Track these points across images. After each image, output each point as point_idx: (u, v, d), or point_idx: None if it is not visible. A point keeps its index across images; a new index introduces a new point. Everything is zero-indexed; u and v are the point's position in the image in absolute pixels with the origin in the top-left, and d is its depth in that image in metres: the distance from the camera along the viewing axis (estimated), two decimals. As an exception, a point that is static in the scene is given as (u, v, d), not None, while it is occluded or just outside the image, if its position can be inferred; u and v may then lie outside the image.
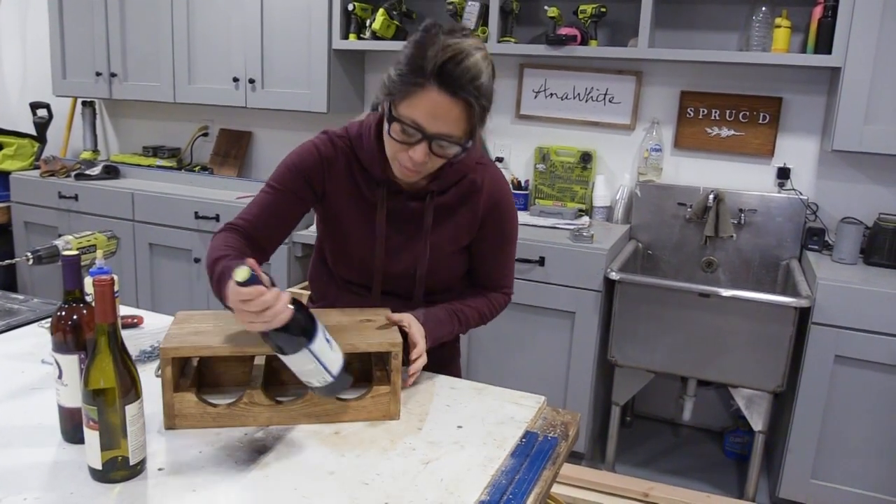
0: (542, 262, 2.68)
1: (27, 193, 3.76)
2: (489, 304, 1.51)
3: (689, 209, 2.91)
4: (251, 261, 1.06)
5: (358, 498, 1.00)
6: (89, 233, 1.51)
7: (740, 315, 2.42)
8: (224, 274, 1.18)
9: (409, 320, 1.30)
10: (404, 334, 1.28)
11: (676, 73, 2.94)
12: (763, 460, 2.62)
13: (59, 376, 1.10)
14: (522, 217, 3.01)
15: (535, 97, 3.17)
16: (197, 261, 3.36)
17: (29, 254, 1.38)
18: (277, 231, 1.39)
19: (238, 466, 1.07)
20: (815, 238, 2.76)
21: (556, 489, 2.59)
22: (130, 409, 1.01)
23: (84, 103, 4.09)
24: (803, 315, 2.39)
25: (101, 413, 1.00)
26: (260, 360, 1.29)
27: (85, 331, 1.10)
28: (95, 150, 4.13)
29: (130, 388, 1.02)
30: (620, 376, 2.68)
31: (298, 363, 1.08)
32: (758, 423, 2.52)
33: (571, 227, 2.85)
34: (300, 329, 1.06)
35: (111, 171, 3.76)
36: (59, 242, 1.44)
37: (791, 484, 2.53)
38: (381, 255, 1.41)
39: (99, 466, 1.01)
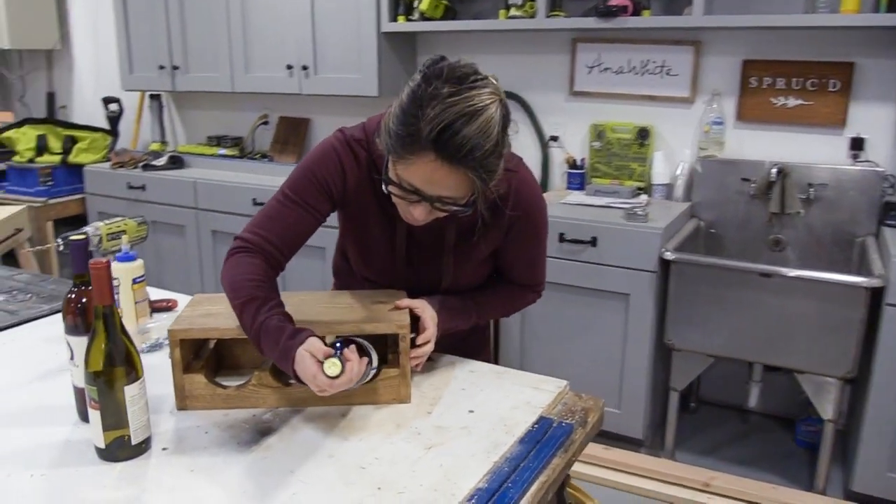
0: (594, 242, 2.59)
1: (100, 185, 3.93)
2: (515, 299, 1.46)
3: (753, 185, 2.74)
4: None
5: (352, 482, 0.98)
6: (119, 219, 1.54)
7: (806, 296, 2.26)
8: (269, 331, 1.12)
9: (422, 305, 1.27)
10: (417, 319, 1.25)
11: (737, 40, 2.77)
12: (836, 451, 2.45)
13: (71, 357, 1.12)
14: (577, 197, 2.92)
15: (589, 72, 3.06)
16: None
17: (60, 240, 1.42)
18: (294, 246, 1.28)
19: (240, 448, 1.07)
20: (893, 213, 2.55)
21: (610, 476, 2.51)
22: (130, 390, 1.02)
23: (151, 96, 4.22)
24: (877, 296, 2.22)
25: (101, 394, 1.01)
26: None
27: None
28: (163, 142, 4.27)
29: (130, 370, 1.02)
30: (678, 361, 2.57)
31: None
32: (827, 411, 2.36)
33: (626, 206, 2.73)
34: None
35: (176, 161, 3.87)
36: (89, 228, 1.47)
37: (865, 477, 2.36)
38: (402, 270, 1.36)
39: (102, 446, 1.03)
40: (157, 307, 1.62)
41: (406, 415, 1.17)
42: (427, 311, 1.26)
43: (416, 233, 1.32)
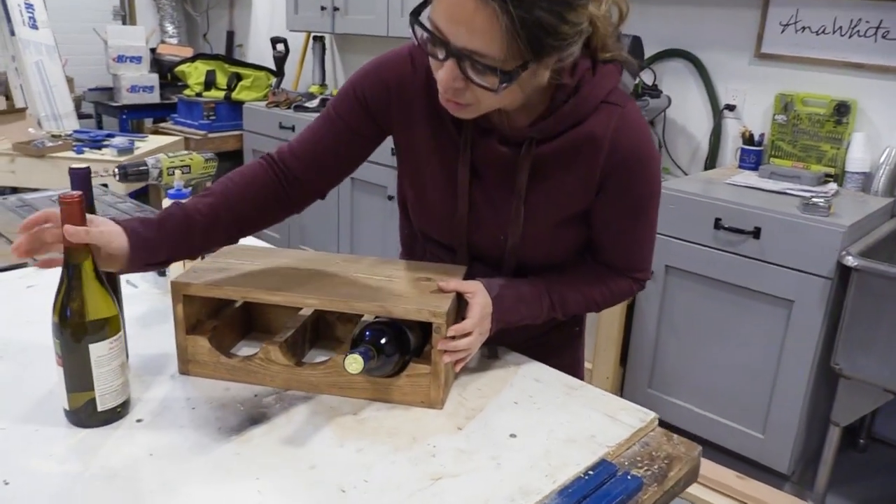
0: (756, 234, 2.16)
1: (256, 122, 3.99)
2: (607, 291, 1.11)
3: (984, 184, 2.14)
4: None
5: (319, 510, 0.76)
6: (186, 153, 1.41)
7: None
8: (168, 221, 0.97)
9: (474, 289, 1.00)
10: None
11: None
12: None
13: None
14: (747, 178, 2.47)
15: (783, 31, 2.54)
16: (391, 198, 3.30)
17: (115, 169, 1.32)
18: (326, 166, 1.08)
19: (219, 434, 0.89)
20: None
21: (739, 512, 2.12)
22: (97, 349, 0.86)
23: (315, 38, 4.20)
24: None
25: (64, 349, 0.86)
26: (308, 311, 1.09)
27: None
28: (323, 85, 4.25)
29: (100, 325, 0.86)
30: (845, 390, 2.09)
31: None
32: None
33: (806, 194, 2.25)
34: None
35: (327, 105, 3.82)
36: (150, 160, 1.36)
37: None
38: (464, 215, 1.08)
39: (67, 407, 0.89)
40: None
41: (430, 426, 0.93)
42: (478, 297, 0.99)
43: (481, 169, 1.05)
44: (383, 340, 0.92)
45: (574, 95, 0.96)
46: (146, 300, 1.28)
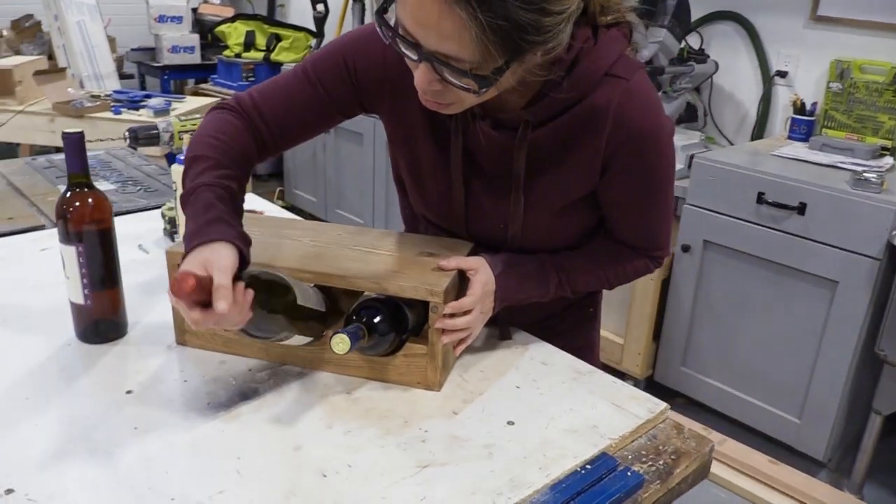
0: (801, 209, 2.04)
1: (293, 84, 3.95)
2: (620, 269, 1.04)
3: None
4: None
5: (296, 492, 0.73)
6: (198, 116, 1.38)
7: None
8: (199, 202, 0.85)
9: (476, 266, 0.94)
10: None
11: None
12: None
13: (63, 267, 0.98)
14: (796, 149, 2.34)
15: (843, -8, 2.38)
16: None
17: (126, 133, 1.29)
18: (290, 132, 0.99)
19: (207, 410, 0.86)
20: None
21: (770, 497, 2.05)
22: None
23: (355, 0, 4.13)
24: None
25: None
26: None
27: (86, 221, 0.95)
28: (362, 47, 4.19)
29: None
30: (890, 378, 1.98)
31: None
32: None
33: (858, 168, 2.12)
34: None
35: (365, 67, 3.76)
36: (161, 123, 1.33)
37: None
38: (461, 204, 1.00)
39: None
40: (238, 218, 1.47)
41: (425, 409, 0.89)
42: (480, 274, 0.93)
43: (476, 155, 0.97)
44: (377, 319, 0.88)
45: (571, 72, 0.86)
46: (155, 267, 1.27)
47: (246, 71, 4.03)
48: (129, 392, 0.90)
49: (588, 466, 0.80)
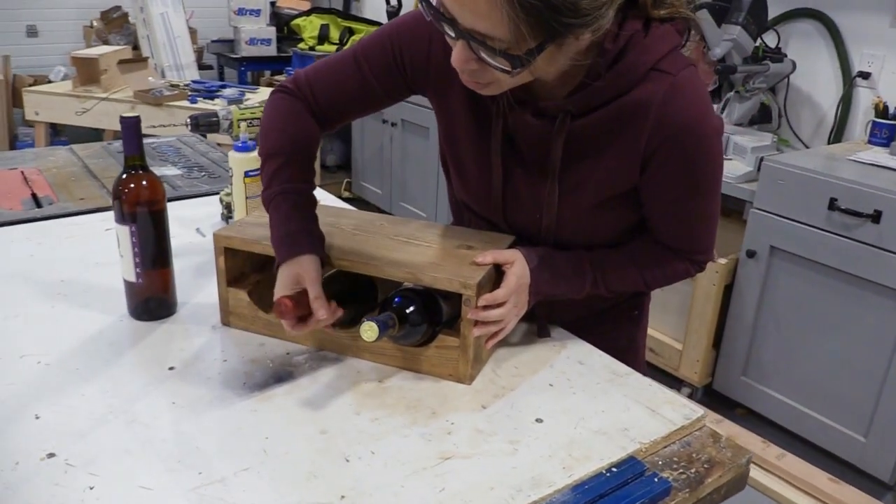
0: (876, 217, 1.94)
1: (363, 77, 4.01)
2: (659, 272, 1.01)
3: None
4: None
5: (317, 478, 0.75)
6: (258, 104, 1.41)
7: None
8: (279, 210, 0.95)
9: (513, 259, 0.94)
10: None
11: None
12: None
13: (118, 246, 1.02)
14: (876, 154, 2.22)
15: (935, -11, 2.24)
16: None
17: (188, 119, 1.34)
18: (341, 113, 1.03)
19: (242, 390, 0.89)
20: None
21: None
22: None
23: (427, -7, 4.15)
24: None
25: None
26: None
27: (140, 202, 0.99)
28: (432, 41, 4.21)
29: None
30: (966, 400, 1.86)
31: None
32: None
33: (943, 177, 2.00)
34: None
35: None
36: (221, 111, 1.37)
37: None
38: (499, 189, 1.00)
39: None
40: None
41: (453, 401, 0.89)
42: (515, 267, 0.92)
43: (517, 141, 0.96)
44: (410, 309, 0.89)
45: (616, 64, 0.84)
46: (209, 250, 1.30)
47: (318, 63, 4.11)
48: (171, 368, 0.93)
49: (614, 469, 0.79)
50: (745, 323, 2.33)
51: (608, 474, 0.78)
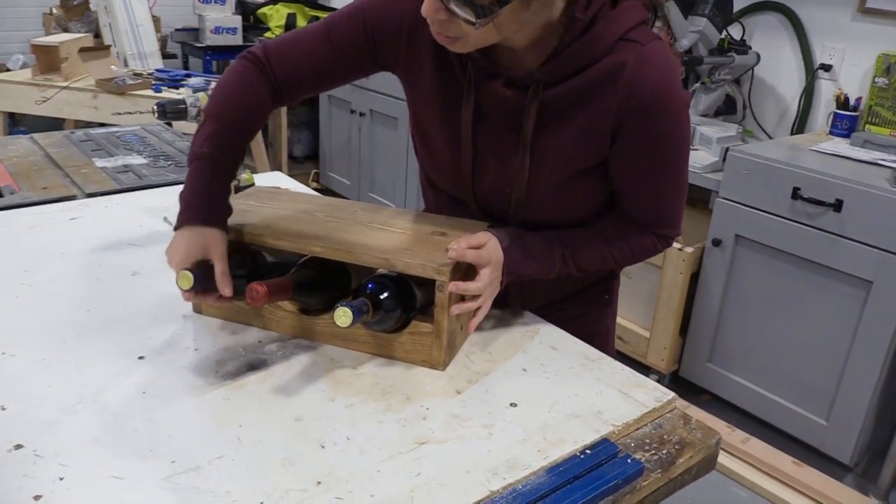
0: (838, 206, 1.99)
1: (332, 67, 3.97)
2: (627, 248, 1.02)
3: None
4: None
5: (294, 464, 0.74)
6: (226, 91, 1.39)
7: None
8: (195, 174, 0.96)
9: (485, 240, 0.94)
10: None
11: None
12: None
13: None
14: (837, 145, 2.27)
15: (894, -17, 2.30)
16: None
17: (154, 106, 1.32)
18: (305, 85, 1.03)
19: (213, 379, 0.88)
20: None
21: (791, 498, 2.01)
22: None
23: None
24: None
25: None
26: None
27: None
28: (401, 31, 4.19)
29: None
30: (923, 383, 1.92)
31: None
32: None
33: (900, 166, 2.05)
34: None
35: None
36: (189, 98, 1.35)
37: None
38: (468, 163, 1.00)
39: None
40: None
41: (428, 387, 0.89)
42: (485, 252, 0.92)
43: (487, 113, 0.97)
44: (384, 295, 0.89)
45: (585, 32, 0.87)
46: (178, 238, 1.29)
47: (285, 53, 4.06)
48: (141, 358, 0.92)
49: (588, 451, 0.80)
50: (711, 310, 2.37)
51: (582, 456, 0.79)
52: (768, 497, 2.04)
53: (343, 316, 0.81)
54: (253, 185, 1.44)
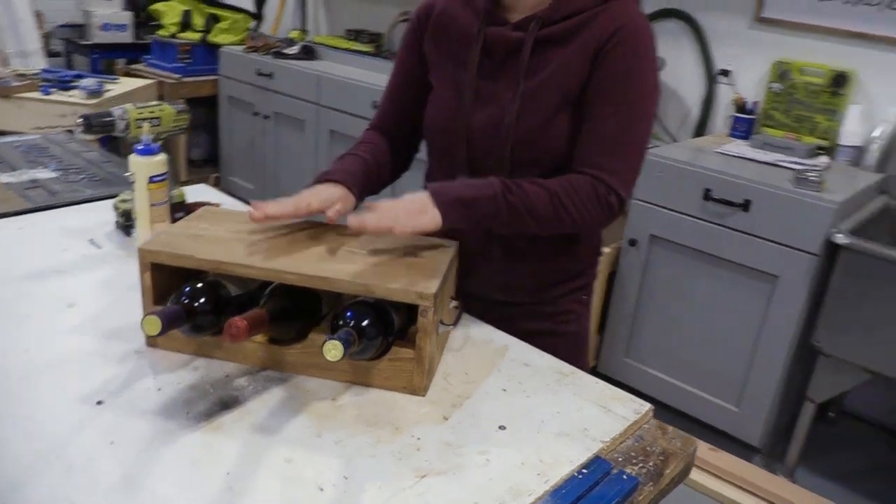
0: (746, 206, 2.11)
1: (232, 68, 3.82)
2: (568, 185, 1.03)
3: (977, 164, 2.11)
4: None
5: (294, 511, 0.71)
6: (155, 104, 1.31)
7: None
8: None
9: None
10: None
11: None
12: None
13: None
14: (738, 147, 2.41)
15: (785, -5, 2.46)
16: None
17: (79, 120, 1.22)
18: (415, 121, 1.20)
19: (186, 421, 0.82)
20: None
21: (709, 482, 2.12)
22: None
23: (296, -20, 4.02)
24: None
25: None
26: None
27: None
28: (304, 30, 4.09)
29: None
30: (824, 368, 2.08)
31: None
32: None
33: (798, 167, 2.20)
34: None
35: (308, 52, 3.67)
36: (116, 110, 1.26)
37: None
38: (470, 94, 1.11)
39: None
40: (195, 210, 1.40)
41: (413, 414, 0.87)
42: (380, 206, 0.95)
43: (492, 49, 1.11)
44: (365, 322, 0.86)
45: None
46: (112, 263, 1.20)
47: (182, 52, 3.86)
48: (99, 403, 0.84)
49: (584, 471, 0.81)
50: (628, 308, 2.46)
51: (580, 476, 0.80)
52: (687, 482, 2.15)
53: (333, 349, 0.77)
54: (184, 202, 1.36)
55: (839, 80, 2.37)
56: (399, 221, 0.94)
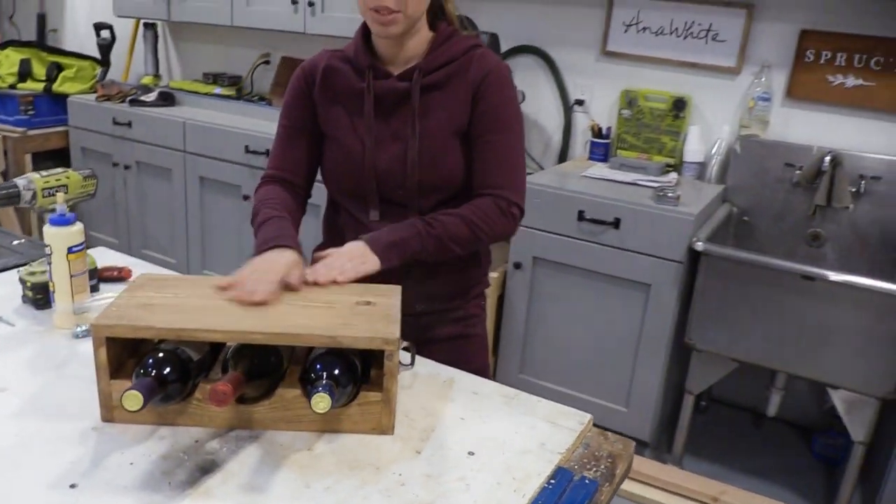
0: (616, 224, 2.33)
1: (84, 118, 3.64)
2: (475, 209, 1.25)
3: (797, 171, 2.46)
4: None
5: (308, 560, 0.74)
6: (61, 171, 1.27)
7: (850, 305, 2.00)
8: (264, 229, 1.22)
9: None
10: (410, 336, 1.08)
11: (797, 6, 2.45)
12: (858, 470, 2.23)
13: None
14: (599, 170, 2.64)
15: (626, 31, 2.74)
16: (246, 198, 3.16)
17: (-12, 190, 1.17)
18: (309, 167, 1.35)
19: (170, 493, 0.83)
20: (954, 216, 2.28)
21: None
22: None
23: (146, 25, 3.90)
24: (932, 310, 1.96)
25: None
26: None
27: None
28: (157, 76, 3.96)
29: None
30: (698, 362, 2.33)
31: None
32: (859, 432, 2.12)
33: (655, 185, 2.46)
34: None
35: (167, 98, 3.57)
36: (20, 181, 1.21)
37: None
38: (371, 143, 1.27)
39: None
40: (107, 276, 1.37)
41: (388, 454, 0.93)
42: (329, 257, 1.15)
43: (383, 102, 1.27)
44: (336, 372, 0.91)
45: (450, 39, 1.27)
46: (30, 341, 1.15)
47: (24, 103, 3.62)
48: (73, 486, 0.83)
49: (552, 482, 0.90)
50: (518, 327, 2.61)
51: (550, 486, 0.89)
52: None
53: (322, 402, 0.82)
54: (96, 267, 1.33)
55: (679, 105, 2.67)
56: (346, 269, 1.10)
